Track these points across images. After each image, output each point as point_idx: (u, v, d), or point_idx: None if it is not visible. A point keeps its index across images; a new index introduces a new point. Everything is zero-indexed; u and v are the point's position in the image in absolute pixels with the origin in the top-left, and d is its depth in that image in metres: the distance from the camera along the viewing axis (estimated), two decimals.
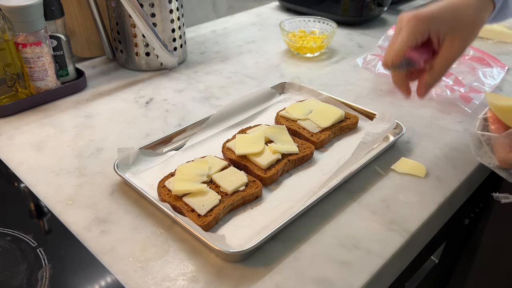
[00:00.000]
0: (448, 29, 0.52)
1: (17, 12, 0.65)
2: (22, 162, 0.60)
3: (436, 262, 0.86)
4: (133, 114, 0.72)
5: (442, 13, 0.52)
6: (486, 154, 0.51)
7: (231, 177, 0.53)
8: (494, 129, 0.50)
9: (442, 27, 0.52)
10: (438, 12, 0.52)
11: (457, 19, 0.52)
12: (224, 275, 0.44)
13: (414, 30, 0.52)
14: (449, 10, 0.52)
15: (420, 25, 0.52)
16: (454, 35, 0.52)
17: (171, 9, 0.81)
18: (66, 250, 0.46)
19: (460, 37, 0.52)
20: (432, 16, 0.52)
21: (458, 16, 0.52)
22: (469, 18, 0.52)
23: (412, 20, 0.52)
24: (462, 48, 0.53)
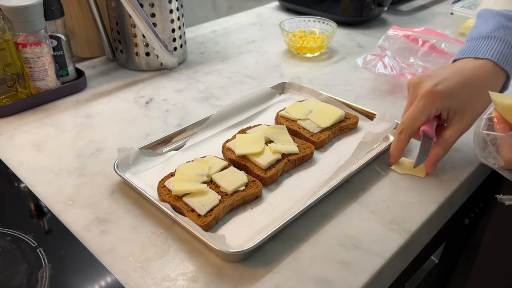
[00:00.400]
0: (461, 106, 0.52)
1: (17, 12, 0.65)
2: (22, 162, 0.60)
3: (436, 262, 0.86)
4: (133, 114, 0.72)
5: (459, 91, 0.52)
6: (491, 155, 0.50)
7: (231, 177, 0.53)
8: (500, 128, 0.49)
9: (456, 104, 0.52)
10: (455, 89, 0.52)
11: (473, 98, 0.52)
12: (224, 275, 0.44)
13: (430, 106, 0.52)
14: (466, 87, 0.52)
15: (437, 101, 0.52)
16: (466, 112, 0.53)
17: (171, 9, 0.81)
18: (66, 250, 0.46)
19: (472, 114, 0.53)
20: (448, 94, 0.52)
21: (475, 95, 0.52)
22: (484, 96, 0.51)
23: (429, 96, 0.52)
24: (473, 121, 0.53)
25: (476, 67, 0.54)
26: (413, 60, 0.84)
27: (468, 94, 0.53)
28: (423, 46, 0.87)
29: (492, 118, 0.50)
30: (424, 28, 0.93)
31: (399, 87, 0.79)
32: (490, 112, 0.50)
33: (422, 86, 0.53)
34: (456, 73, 0.53)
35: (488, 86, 0.53)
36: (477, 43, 0.56)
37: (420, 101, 0.52)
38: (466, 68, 0.54)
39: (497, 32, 0.55)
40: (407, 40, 0.87)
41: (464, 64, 0.55)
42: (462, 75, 0.53)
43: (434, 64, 0.82)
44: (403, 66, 0.81)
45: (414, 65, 0.82)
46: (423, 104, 0.52)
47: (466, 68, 0.54)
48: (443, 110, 0.53)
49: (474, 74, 0.53)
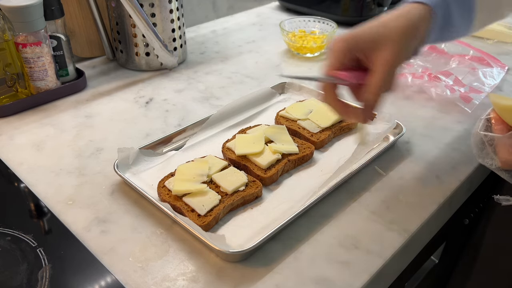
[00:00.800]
0: (372, 45, 0.47)
1: (17, 12, 0.65)
2: (22, 162, 0.60)
3: (436, 262, 0.86)
4: (133, 114, 0.72)
5: (366, 31, 0.48)
6: (488, 156, 0.50)
7: (231, 177, 0.53)
8: (498, 129, 0.49)
9: (366, 45, 0.47)
10: (362, 31, 0.48)
11: (381, 33, 0.47)
12: (224, 275, 0.44)
13: (336, 51, 0.48)
14: (374, 27, 0.48)
15: (339, 44, 0.48)
16: (380, 49, 0.47)
17: (171, 9, 0.81)
18: (66, 250, 0.46)
19: (386, 50, 0.46)
20: (353, 36, 0.48)
21: (383, 30, 0.47)
22: (396, 29, 0.47)
23: (335, 42, 0.48)
24: (391, 60, 0.47)
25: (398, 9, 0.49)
26: (413, 60, 0.84)
27: (377, 31, 0.47)
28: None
29: (490, 119, 0.50)
30: None
31: (399, 87, 0.79)
32: (488, 113, 0.51)
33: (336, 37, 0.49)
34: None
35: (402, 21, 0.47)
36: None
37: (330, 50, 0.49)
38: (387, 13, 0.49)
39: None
40: None
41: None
42: (379, 18, 0.49)
43: (434, 64, 0.82)
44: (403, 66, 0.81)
45: (414, 65, 0.82)
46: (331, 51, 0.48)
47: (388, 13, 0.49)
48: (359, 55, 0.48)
49: (391, 12, 0.49)
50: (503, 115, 0.49)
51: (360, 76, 0.49)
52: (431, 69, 0.80)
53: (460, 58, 0.83)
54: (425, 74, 0.77)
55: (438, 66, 0.81)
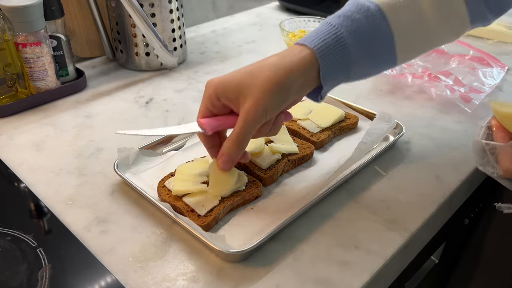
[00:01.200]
0: (236, 94, 0.45)
1: (17, 12, 0.65)
2: (22, 162, 0.60)
3: (436, 262, 0.86)
4: (133, 114, 0.72)
5: (235, 78, 0.46)
6: (490, 164, 0.50)
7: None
8: (499, 138, 0.49)
9: (232, 94, 0.45)
10: (231, 78, 0.46)
11: (246, 83, 0.45)
12: (224, 275, 0.44)
13: (205, 98, 0.47)
14: (242, 74, 0.46)
15: (208, 90, 0.47)
16: (243, 100, 0.45)
17: (171, 9, 0.81)
18: (66, 250, 0.46)
19: (248, 102, 0.44)
20: (222, 82, 0.46)
21: (249, 80, 0.45)
22: (262, 81, 0.44)
23: (207, 87, 0.47)
24: (253, 112, 0.44)
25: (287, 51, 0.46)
26: (413, 60, 0.84)
27: (244, 76, 0.45)
28: None
29: (490, 126, 0.50)
30: None
31: (399, 87, 0.79)
32: (489, 121, 0.50)
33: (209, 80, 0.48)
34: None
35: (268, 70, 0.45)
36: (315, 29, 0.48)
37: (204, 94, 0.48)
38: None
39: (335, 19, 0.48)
40: None
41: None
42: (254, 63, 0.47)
43: (434, 64, 0.82)
44: (403, 66, 0.81)
45: (414, 65, 0.82)
46: (203, 96, 0.48)
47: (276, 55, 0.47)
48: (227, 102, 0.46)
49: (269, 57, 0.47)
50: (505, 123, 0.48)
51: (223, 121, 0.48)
52: (431, 69, 0.80)
53: (460, 58, 0.83)
54: (425, 74, 0.77)
55: (438, 66, 0.81)
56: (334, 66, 0.47)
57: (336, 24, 0.47)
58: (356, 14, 0.47)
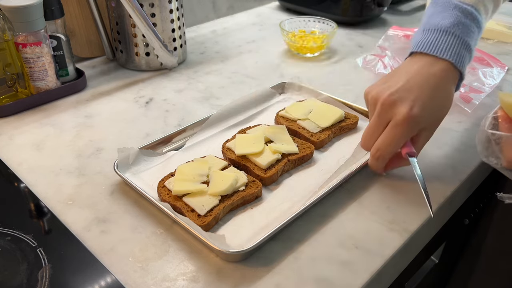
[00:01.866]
0: (429, 126, 0.52)
1: (17, 12, 0.65)
2: (22, 162, 0.60)
3: (436, 262, 0.86)
4: (133, 114, 0.72)
5: (430, 109, 0.50)
6: (494, 154, 0.50)
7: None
8: (505, 128, 0.49)
9: (425, 125, 0.51)
10: (427, 108, 0.50)
11: (440, 111, 0.51)
12: (224, 275, 0.44)
13: (409, 132, 0.50)
14: (434, 102, 0.50)
15: (415, 126, 0.50)
16: (432, 130, 0.52)
17: (171, 9, 0.81)
18: (66, 250, 0.46)
19: (438, 124, 0.52)
20: (424, 115, 0.49)
21: (441, 107, 0.51)
22: (446, 111, 0.52)
23: (407, 122, 0.49)
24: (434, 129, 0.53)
25: (439, 73, 0.51)
26: None
27: (436, 108, 0.51)
28: None
29: (497, 117, 0.50)
30: None
31: None
32: (496, 111, 0.50)
33: (396, 110, 0.49)
34: (423, 85, 0.51)
35: (449, 92, 0.52)
36: (435, 37, 0.53)
37: (398, 128, 0.49)
38: (430, 76, 0.51)
39: (455, 29, 0.53)
40: (407, 40, 0.87)
41: (426, 68, 0.52)
42: (429, 87, 0.50)
43: None
44: None
45: None
46: (401, 131, 0.49)
47: (430, 76, 0.51)
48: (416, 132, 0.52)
49: (438, 84, 0.51)
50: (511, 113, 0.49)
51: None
52: None
53: None
54: None
55: None
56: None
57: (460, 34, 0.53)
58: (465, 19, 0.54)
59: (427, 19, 0.56)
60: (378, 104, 0.51)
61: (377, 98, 0.51)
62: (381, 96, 0.51)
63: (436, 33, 0.53)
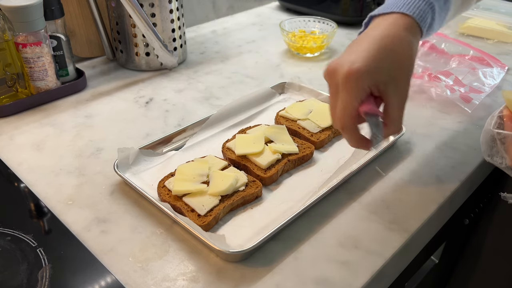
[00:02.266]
0: (388, 77, 0.45)
1: (17, 12, 0.65)
2: (22, 162, 0.60)
3: (436, 262, 0.86)
4: (133, 114, 0.72)
5: (379, 61, 0.45)
6: (499, 154, 0.50)
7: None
8: (510, 127, 0.49)
9: (382, 77, 0.45)
10: (374, 61, 0.45)
11: (395, 65, 0.46)
12: (224, 275, 0.44)
13: (355, 88, 0.44)
14: (385, 55, 0.45)
15: (360, 82, 0.44)
16: (397, 81, 0.46)
17: (171, 9, 0.81)
18: (66, 250, 0.46)
19: (403, 81, 0.46)
20: (369, 69, 0.44)
21: (396, 61, 0.46)
22: (407, 59, 0.46)
23: (350, 76, 0.44)
24: (407, 87, 0.47)
25: (388, 25, 0.47)
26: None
27: (391, 61, 0.45)
28: (423, 46, 0.87)
29: (502, 116, 0.50)
30: None
31: None
32: (501, 110, 0.50)
33: (338, 71, 0.45)
34: (369, 41, 0.46)
35: (407, 46, 0.46)
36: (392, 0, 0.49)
37: (344, 89, 0.45)
38: (378, 30, 0.47)
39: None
40: None
41: (375, 25, 0.48)
42: (376, 41, 0.46)
43: (434, 64, 0.82)
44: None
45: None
46: (347, 90, 0.45)
47: (378, 30, 0.47)
48: (372, 87, 0.46)
49: (387, 34, 0.46)
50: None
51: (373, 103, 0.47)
52: (431, 69, 0.80)
53: (460, 58, 0.83)
54: (425, 74, 0.77)
55: (438, 66, 0.81)
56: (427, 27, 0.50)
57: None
58: None
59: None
60: (326, 78, 0.48)
61: (326, 71, 0.47)
62: (328, 67, 0.47)
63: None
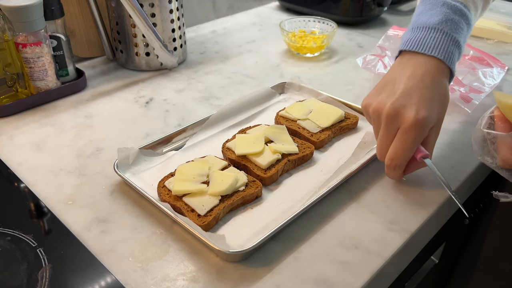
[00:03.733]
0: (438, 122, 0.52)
1: (17, 12, 0.65)
2: (22, 162, 0.60)
3: (436, 262, 0.86)
4: (133, 114, 0.72)
5: (434, 109, 0.50)
6: (489, 153, 0.50)
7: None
8: (501, 128, 0.49)
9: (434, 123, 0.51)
10: (432, 109, 0.50)
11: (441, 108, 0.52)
12: (224, 275, 0.44)
13: (420, 136, 0.50)
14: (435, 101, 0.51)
15: (425, 130, 0.50)
16: (439, 123, 0.52)
17: (171, 9, 0.81)
18: (66, 250, 0.46)
19: (442, 121, 0.53)
20: (430, 117, 0.50)
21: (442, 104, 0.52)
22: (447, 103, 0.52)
23: (417, 127, 0.49)
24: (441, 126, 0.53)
25: (431, 71, 0.52)
26: None
27: (438, 105, 0.51)
28: None
29: (493, 116, 0.50)
30: None
31: None
32: (492, 111, 0.50)
33: (403, 117, 0.49)
34: (420, 87, 0.51)
35: (444, 87, 0.52)
36: (424, 34, 0.54)
37: (410, 134, 0.49)
38: (424, 76, 0.51)
39: (443, 25, 0.53)
40: None
41: (418, 69, 0.52)
42: (427, 87, 0.51)
43: None
44: None
45: None
46: (413, 136, 0.49)
47: (424, 76, 0.51)
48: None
49: (434, 82, 0.51)
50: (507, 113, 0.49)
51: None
52: None
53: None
54: None
55: None
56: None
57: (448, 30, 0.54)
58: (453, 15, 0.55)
59: (416, 18, 0.57)
60: (383, 115, 0.51)
61: (380, 110, 0.51)
62: (383, 107, 0.51)
63: (425, 30, 0.54)
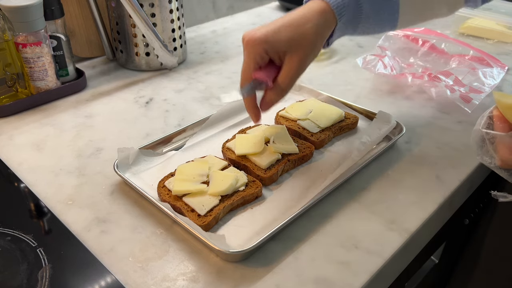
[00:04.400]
0: (286, 47, 0.51)
1: (17, 12, 0.65)
2: (22, 162, 0.60)
3: (436, 262, 0.86)
4: (133, 114, 0.72)
5: (279, 33, 0.50)
6: (488, 153, 0.50)
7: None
8: (500, 127, 0.49)
9: (280, 46, 0.51)
10: (274, 32, 0.50)
11: (294, 38, 0.50)
12: (224, 275, 0.44)
13: (252, 53, 0.51)
14: (286, 28, 0.50)
15: (257, 47, 0.50)
16: (293, 52, 0.51)
17: (171, 9, 0.81)
18: (66, 250, 0.46)
19: (299, 54, 0.51)
20: (267, 38, 0.50)
21: (296, 34, 0.50)
22: (308, 35, 0.51)
23: (249, 43, 0.51)
24: (303, 63, 0.52)
25: (304, 8, 0.52)
26: (413, 60, 0.84)
27: (290, 34, 0.50)
28: (423, 46, 0.87)
29: (492, 116, 0.50)
30: (424, 28, 0.93)
31: (399, 87, 0.79)
32: (491, 110, 0.50)
33: (245, 36, 0.51)
34: (283, 18, 0.51)
35: (312, 26, 0.51)
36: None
37: (244, 51, 0.52)
38: (295, 11, 0.52)
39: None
40: (407, 40, 0.87)
41: (305, 6, 0.52)
42: (284, 18, 0.51)
43: (434, 64, 0.82)
44: (403, 66, 0.81)
45: (414, 65, 0.82)
46: (246, 53, 0.51)
47: (295, 10, 0.52)
48: (272, 55, 0.51)
49: (298, 13, 0.51)
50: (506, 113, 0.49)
51: (272, 72, 0.52)
52: (431, 69, 0.80)
53: (460, 58, 0.83)
54: (425, 74, 0.77)
55: (438, 66, 0.81)
56: (347, 22, 0.54)
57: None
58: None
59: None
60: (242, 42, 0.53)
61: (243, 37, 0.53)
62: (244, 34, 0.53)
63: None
